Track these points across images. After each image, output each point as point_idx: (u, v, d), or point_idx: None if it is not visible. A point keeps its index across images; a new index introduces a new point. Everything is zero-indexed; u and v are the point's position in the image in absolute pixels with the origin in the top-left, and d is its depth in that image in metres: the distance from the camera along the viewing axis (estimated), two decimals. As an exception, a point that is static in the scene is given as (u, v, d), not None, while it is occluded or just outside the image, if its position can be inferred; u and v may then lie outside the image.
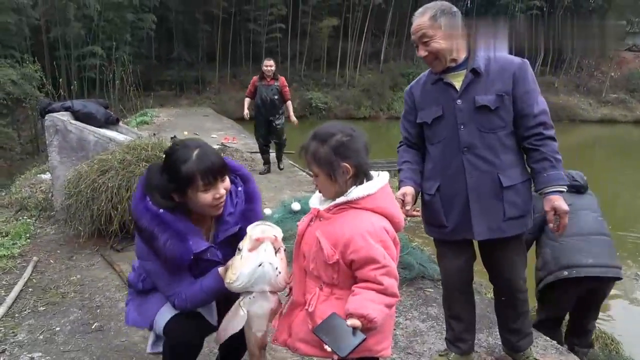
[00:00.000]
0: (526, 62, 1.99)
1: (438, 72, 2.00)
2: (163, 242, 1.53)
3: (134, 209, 1.60)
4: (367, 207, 1.35)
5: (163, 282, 1.64)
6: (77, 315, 2.73)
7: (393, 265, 1.31)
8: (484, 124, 1.95)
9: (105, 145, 4.38)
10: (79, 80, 19.92)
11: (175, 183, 1.53)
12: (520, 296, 2.13)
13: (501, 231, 1.99)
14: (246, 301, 1.48)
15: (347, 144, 1.35)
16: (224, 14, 26.62)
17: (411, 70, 28.38)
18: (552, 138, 1.94)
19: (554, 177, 1.90)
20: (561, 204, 1.87)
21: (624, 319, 4.21)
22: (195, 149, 1.54)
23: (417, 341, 2.53)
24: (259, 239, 1.41)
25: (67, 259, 3.60)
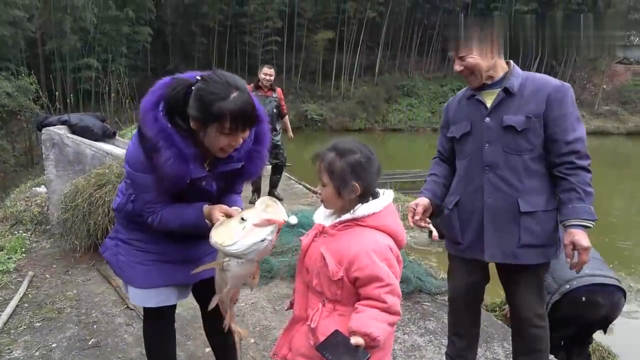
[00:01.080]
0: (566, 86, 1.90)
1: (474, 87, 1.99)
2: (165, 159, 1.47)
3: (143, 114, 1.49)
4: (372, 225, 1.36)
5: (148, 195, 1.58)
6: (74, 331, 2.71)
7: (397, 284, 1.33)
8: (509, 145, 1.91)
9: (102, 158, 4.38)
10: (75, 92, 19.92)
11: (201, 113, 1.45)
12: (530, 330, 2.01)
13: (515, 257, 1.92)
14: (232, 264, 1.46)
15: (364, 165, 1.36)
16: (220, 27, 26.85)
17: (405, 82, 28.71)
18: (584, 169, 1.83)
19: (579, 210, 1.79)
20: (581, 240, 1.76)
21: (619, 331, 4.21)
22: (235, 90, 1.45)
23: (415, 356, 2.53)
24: (271, 220, 1.39)
25: (63, 273, 3.58)
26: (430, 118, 27.33)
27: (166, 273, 1.76)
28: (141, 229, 1.74)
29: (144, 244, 1.75)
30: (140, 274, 1.75)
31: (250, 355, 2.50)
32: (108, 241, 1.87)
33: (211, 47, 26.98)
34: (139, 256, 1.76)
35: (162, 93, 1.51)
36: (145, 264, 1.75)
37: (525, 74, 1.94)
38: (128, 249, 1.77)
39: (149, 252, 1.76)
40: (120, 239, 1.80)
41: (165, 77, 1.57)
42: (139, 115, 1.51)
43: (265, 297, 3.21)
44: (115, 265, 1.83)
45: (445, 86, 29.06)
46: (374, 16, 28.23)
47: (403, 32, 30.68)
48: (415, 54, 30.81)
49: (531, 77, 1.94)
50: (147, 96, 1.51)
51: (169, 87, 1.51)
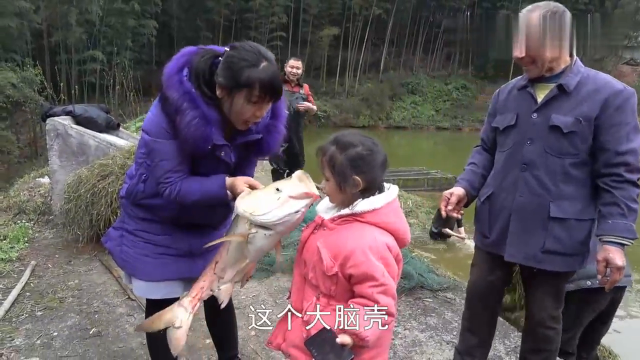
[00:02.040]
0: (629, 91, 1.74)
1: (532, 77, 1.85)
2: (189, 119, 1.45)
3: (167, 78, 1.49)
4: (372, 222, 1.33)
5: (168, 163, 1.55)
6: (75, 321, 2.72)
7: (392, 284, 1.29)
8: (552, 146, 1.79)
9: (106, 150, 4.38)
10: (79, 84, 19.95)
11: (230, 79, 1.45)
12: (543, 330, 1.98)
13: (536, 261, 1.85)
14: (259, 236, 1.43)
15: (366, 158, 1.33)
16: (225, 21, 26.85)
17: (410, 80, 28.62)
18: (633, 183, 1.70)
19: (619, 227, 1.68)
20: (615, 258, 1.65)
21: (621, 331, 4.21)
22: (265, 60, 1.46)
23: (416, 351, 2.53)
24: (309, 194, 1.37)
25: (65, 263, 3.58)
26: (434, 116, 27.28)
27: (172, 266, 1.75)
28: (150, 219, 1.73)
29: (152, 235, 1.74)
30: (146, 266, 1.74)
31: (250, 347, 2.50)
32: (112, 231, 1.86)
33: (216, 41, 26.91)
34: (146, 248, 1.74)
35: (187, 60, 1.51)
36: (151, 256, 1.74)
37: (587, 72, 1.80)
38: (134, 241, 1.75)
39: (157, 245, 1.74)
40: (127, 229, 1.77)
41: (188, 47, 1.58)
42: (161, 82, 1.51)
43: (267, 291, 3.21)
44: (118, 257, 1.81)
45: (449, 84, 29.00)
46: (379, 13, 28.16)
47: (408, 29, 30.59)
48: (420, 52, 30.73)
49: (592, 76, 1.79)
50: (171, 62, 1.52)
51: (197, 55, 1.51)
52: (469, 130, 25.74)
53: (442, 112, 27.47)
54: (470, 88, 28.56)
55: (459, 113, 27.25)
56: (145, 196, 1.70)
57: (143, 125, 1.59)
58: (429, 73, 30.16)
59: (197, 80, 1.49)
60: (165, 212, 1.71)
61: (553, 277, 1.89)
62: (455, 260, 5.50)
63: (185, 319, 1.59)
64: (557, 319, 1.99)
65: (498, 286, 2.08)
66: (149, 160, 1.62)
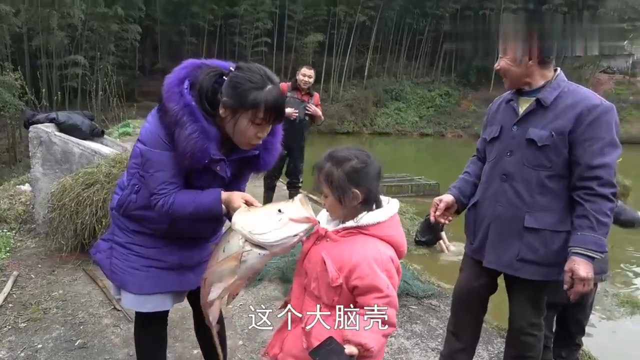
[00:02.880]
0: (605, 107, 1.78)
1: (508, 89, 1.98)
2: (189, 133, 1.47)
3: (168, 89, 1.50)
4: (376, 235, 1.36)
5: (163, 174, 1.55)
6: (60, 332, 2.69)
7: (395, 296, 1.33)
8: (528, 158, 1.86)
9: (90, 157, 4.34)
10: (61, 89, 19.66)
11: (235, 100, 1.48)
12: (523, 337, 2.02)
13: (512, 269, 1.92)
14: (252, 255, 1.42)
15: (361, 171, 1.37)
16: (210, 27, 26.78)
17: (394, 86, 28.87)
18: (605, 197, 1.74)
19: (587, 240, 1.72)
20: (580, 270, 1.69)
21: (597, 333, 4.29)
22: (270, 82, 1.50)
23: (402, 358, 2.57)
24: (310, 219, 1.39)
25: (49, 273, 3.54)
26: (417, 122, 27.55)
27: (163, 280, 1.75)
28: (140, 231, 1.73)
29: (143, 248, 1.73)
30: (136, 279, 1.73)
31: (238, 357, 2.51)
32: (101, 243, 1.84)
33: (200, 46, 26.85)
34: (136, 261, 1.73)
35: (189, 73, 1.53)
36: (141, 269, 1.73)
37: (568, 87, 1.86)
38: (125, 254, 1.74)
39: (147, 258, 1.74)
40: (116, 241, 1.76)
41: (191, 59, 1.59)
42: (161, 92, 1.52)
43: (254, 300, 3.22)
44: (107, 269, 1.80)
45: (433, 91, 29.33)
46: (364, 20, 28.39)
47: (392, 36, 30.90)
48: (404, 59, 31.05)
49: (571, 90, 1.85)
50: (172, 73, 1.53)
51: (201, 70, 1.53)
52: (451, 136, 26.06)
53: (425, 118, 27.76)
54: (453, 95, 28.94)
55: (442, 119, 27.58)
56: (137, 207, 1.69)
57: (139, 136, 1.60)
58: (412, 80, 30.48)
59: (200, 96, 1.51)
60: (157, 224, 1.71)
61: (531, 285, 1.94)
62: (438, 267, 5.56)
63: None
64: (537, 327, 2.03)
65: (483, 292, 2.13)
66: (142, 170, 1.62)
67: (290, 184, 5.46)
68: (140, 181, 1.67)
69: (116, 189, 1.83)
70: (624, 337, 3.89)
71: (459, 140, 24.47)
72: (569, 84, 1.87)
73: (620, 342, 3.79)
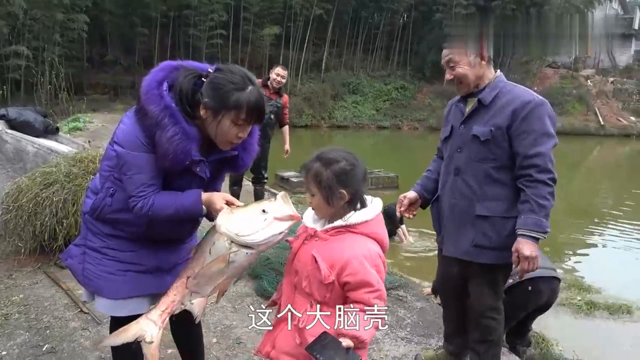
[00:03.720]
0: (536, 102, 1.98)
1: (462, 95, 2.16)
2: (171, 135, 1.47)
3: (146, 91, 1.50)
4: (364, 233, 1.44)
5: (142, 177, 1.55)
6: (25, 338, 2.60)
7: (384, 289, 1.42)
8: (474, 153, 2.06)
9: (46, 156, 4.19)
10: (1, 81, 18.53)
11: (217, 102, 1.50)
12: (483, 321, 2.17)
13: (468, 255, 2.10)
14: (240, 254, 1.46)
15: (349, 173, 1.44)
16: (163, 18, 25.93)
17: (351, 80, 29.08)
18: (543, 182, 1.92)
19: (529, 222, 1.90)
20: (524, 249, 1.88)
21: (551, 318, 4.58)
22: (251, 85, 1.52)
23: (373, 349, 2.66)
24: (293, 216, 1.43)
25: (6, 277, 3.39)
26: (374, 115, 27.90)
27: (140, 283, 1.74)
28: (115, 235, 1.71)
29: (118, 252, 1.71)
30: (111, 284, 1.71)
31: (213, 354, 2.52)
32: (73, 248, 1.81)
33: (153, 38, 25.96)
34: (112, 266, 1.71)
35: (166, 75, 1.53)
36: (117, 274, 1.71)
37: (505, 86, 2.04)
38: (99, 258, 1.72)
39: (123, 262, 1.72)
40: (90, 247, 1.73)
41: (168, 61, 1.61)
42: (140, 93, 1.51)
43: (225, 297, 3.22)
44: (80, 275, 1.77)
45: (389, 85, 29.77)
46: (320, 13, 28.34)
47: (349, 30, 31.07)
48: (360, 52, 31.32)
49: (508, 90, 2.04)
50: (149, 75, 1.54)
51: (181, 74, 1.54)
52: (407, 129, 26.58)
53: (382, 111, 28.11)
54: (409, 88, 29.45)
55: (399, 112, 28.03)
56: (112, 210, 1.67)
57: (115, 137, 1.58)
58: (369, 73, 30.78)
59: (180, 98, 1.52)
60: (133, 227, 1.69)
61: (488, 269, 2.12)
62: (399, 259, 5.73)
63: (156, 333, 1.59)
64: (497, 310, 2.21)
65: (458, 278, 2.28)
66: (119, 173, 1.60)
67: (255, 179, 5.51)
68: (115, 184, 1.65)
69: (87, 192, 1.79)
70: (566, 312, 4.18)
71: (415, 132, 25.03)
72: (507, 84, 2.07)
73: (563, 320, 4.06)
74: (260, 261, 3.48)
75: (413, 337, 2.80)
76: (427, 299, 3.40)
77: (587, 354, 3.27)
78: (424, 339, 2.77)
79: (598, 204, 10.15)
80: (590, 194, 11.45)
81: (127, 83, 25.43)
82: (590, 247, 6.77)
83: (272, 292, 2.28)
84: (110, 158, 1.64)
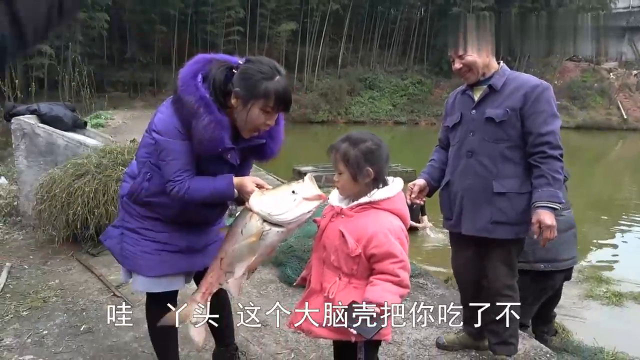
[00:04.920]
0: (544, 86, 2.16)
1: (471, 83, 2.27)
2: (206, 123, 1.58)
3: (183, 82, 1.61)
4: (387, 208, 1.54)
5: (179, 162, 1.65)
6: (63, 319, 2.74)
7: (407, 260, 1.51)
8: (488, 134, 2.20)
9: (75, 149, 4.34)
10: (25, 80, 19.01)
11: (247, 90, 1.59)
12: (501, 299, 2.20)
13: (487, 231, 2.21)
14: (272, 233, 1.57)
15: (375, 152, 1.54)
16: (181, 15, 26.23)
17: (368, 75, 29.03)
18: (555, 157, 2.09)
19: (547, 194, 2.05)
20: (545, 219, 2.01)
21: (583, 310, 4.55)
22: (278, 74, 1.62)
23: (395, 332, 2.73)
24: (322, 196, 1.55)
25: (42, 264, 3.56)
26: (391, 111, 27.83)
27: (173, 262, 1.86)
28: (151, 217, 1.82)
29: (153, 232, 1.83)
30: (148, 262, 1.83)
31: (241, 335, 2.62)
32: (111, 230, 1.94)
33: (171, 35, 26.29)
34: (148, 246, 1.83)
35: (201, 67, 1.64)
36: (153, 253, 1.83)
37: (511, 74, 2.22)
38: (136, 238, 1.84)
39: (158, 242, 1.84)
40: (128, 227, 1.85)
41: (202, 54, 1.71)
42: (177, 84, 1.63)
43: (250, 283, 3.33)
44: (118, 254, 1.90)
45: (406, 80, 29.64)
46: (337, 8, 28.33)
47: (365, 25, 30.99)
48: (377, 47, 31.23)
49: (515, 76, 2.21)
50: (185, 67, 1.64)
51: (213, 66, 1.64)
52: (425, 124, 26.45)
53: (399, 107, 28.03)
54: (426, 83, 29.29)
55: (416, 108, 27.92)
56: (149, 194, 1.79)
57: (154, 126, 1.70)
58: (385, 68, 30.69)
59: (214, 88, 1.62)
60: (167, 210, 1.81)
61: (503, 246, 2.24)
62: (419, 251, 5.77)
63: (201, 314, 1.72)
64: (512, 288, 2.30)
65: (475, 259, 2.37)
66: (157, 159, 1.72)
67: None
68: (151, 169, 1.77)
69: (125, 177, 1.92)
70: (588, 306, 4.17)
71: (432, 127, 24.84)
72: (512, 72, 2.26)
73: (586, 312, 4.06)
74: (284, 249, 3.57)
75: (434, 321, 2.85)
76: (446, 287, 3.45)
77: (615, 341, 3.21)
78: (445, 323, 2.83)
79: (621, 197, 10.03)
80: (613, 188, 11.30)
81: (145, 80, 25.85)
82: (612, 239, 6.72)
83: (295, 279, 2.39)
84: (148, 145, 1.76)
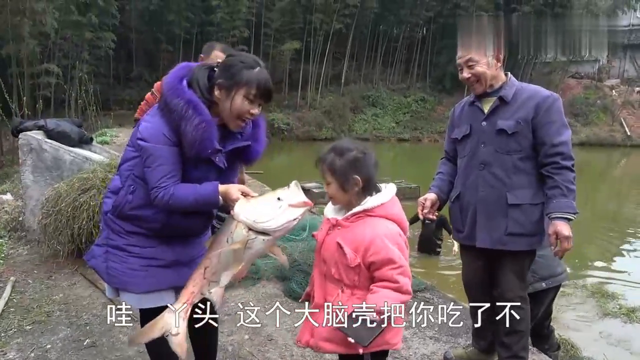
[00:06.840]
0: (554, 97, 2.17)
1: (478, 94, 2.25)
2: (197, 123, 1.59)
3: (169, 87, 1.63)
4: (382, 214, 1.53)
5: (165, 168, 1.64)
6: (67, 333, 2.73)
7: (407, 266, 1.49)
8: (501, 146, 2.18)
9: (81, 164, 4.36)
10: (32, 98, 19.22)
11: (229, 79, 1.63)
12: (511, 311, 2.14)
13: (502, 244, 2.18)
14: (257, 241, 1.54)
15: (361, 160, 1.55)
16: (186, 34, 26.62)
17: (371, 93, 29.24)
18: (568, 168, 2.08)
19: (562, 205, 2.04)
20: (562, 230, 2.01)
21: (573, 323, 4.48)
22: (259, 65, 1.66)
23: (402, 346, 2.69)
24: (307, 203, 1.53)
25: (46, 278, 3.55)
26: (394, 128, 27.92)
27: (161, 276, 1.81)
28: (136, 232, 1.78)
29: (139, 248, 1.79)
30: (135, 279, 1.79)
31: (246, 350, 2.60)
32: (95, 248, 1.88)
33: (177, 55, 26.63)
34: (135, 262, 1.79)
35: (185, 72, 1.67)
36: (139, 269, 1.79)
37: (520, 85, 2.22)
38: (121, 256, 1.79)
39: (143, 257, 1.80)
40: (112, 245, 1.81)
41: (184, 62, 1.76)
42: (163, 91, 1.66)
43: (254, 298, 3.31)
44: (104, 273, 1.84)
45: (408, 97, 29.81)
46: (340, 27, 28.69)
47: (368, 43, 31.32)
48: (380, 65, 31.51)
49: (525, 87, 2.21)
50: (169, 75, 1.67)
51: (196, 67, 1.70)
52: (428, 141, 26.51)
53: (402, 124, 28.14)
54: (428, 100, 29.43)
55: (419, 125, 28.02)
56: (132, 207, 1.76)
57: (139, 134, 1.68)
58: (388, 86, 30.90)
59: (199, 88, 1.65)
60: (151, 223, 1.77)
61: (516, 258, 2.21)
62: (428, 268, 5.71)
63: (180, 325, 1.66)
64: (524, 299, 2.26)
65: (485, 271, 2.35)
66: (137, 172, 1.72)
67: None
68: (135, 182, 1.75)
69: (107, 193, 1.88)
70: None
71: (435, 144, 24.88)
72: (520, 83, 2.25)
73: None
74: (288, 263, 3.55)
75: (441, 336, 2.82)
76: (454, 301, 3.41)
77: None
78: (452, 338, 2.79)
79: (625, 213, 9.96)
80: (618, 204, 11.23)
81: (151, 99, 26.10)
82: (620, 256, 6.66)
83: (301, 293, 2.36)
84: (131, 158, 1.76)
